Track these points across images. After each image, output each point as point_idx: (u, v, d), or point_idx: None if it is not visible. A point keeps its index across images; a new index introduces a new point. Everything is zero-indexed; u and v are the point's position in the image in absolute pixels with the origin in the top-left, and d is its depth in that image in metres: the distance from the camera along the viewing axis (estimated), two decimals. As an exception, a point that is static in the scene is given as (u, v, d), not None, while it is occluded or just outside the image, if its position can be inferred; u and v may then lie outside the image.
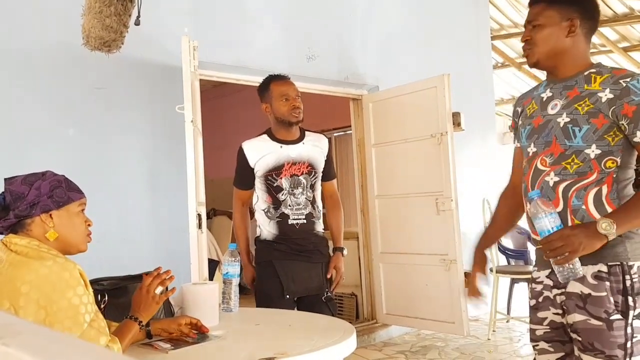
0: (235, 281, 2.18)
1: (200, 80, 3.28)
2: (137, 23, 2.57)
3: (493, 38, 6.69)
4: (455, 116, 4.21)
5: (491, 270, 4.37)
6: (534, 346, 1.76)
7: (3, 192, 1.49)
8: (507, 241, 5.31)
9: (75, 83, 3.23)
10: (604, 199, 1.57)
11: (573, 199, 1.59)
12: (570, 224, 1.58)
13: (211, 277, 4.21)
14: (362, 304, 4.75)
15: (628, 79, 1.55)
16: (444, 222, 4.06)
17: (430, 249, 4.15)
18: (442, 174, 4.05)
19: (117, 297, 1.72)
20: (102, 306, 1.71)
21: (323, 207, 2.86)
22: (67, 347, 0.37)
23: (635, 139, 1.54)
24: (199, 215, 2.88)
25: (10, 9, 3.06)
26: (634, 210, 1.52)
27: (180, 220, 3.15)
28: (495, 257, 4.62)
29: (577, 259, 1.51)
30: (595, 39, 7.32)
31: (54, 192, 1.49)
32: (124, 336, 1.52)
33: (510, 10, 6.88)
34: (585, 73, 1.64)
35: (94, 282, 1.67)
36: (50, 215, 1.48)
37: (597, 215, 1.55)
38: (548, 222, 1.53)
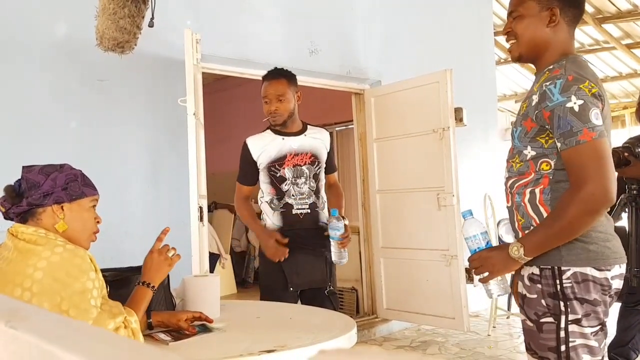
0: (335, 243, 2.53)
1: (203, 73, 3.28)
2: (150, 25, 2.58)
3: (496, 34, 6.67)
4: (458, 111, 4.20)
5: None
6: None
7: (20, 179, 1.52)
8: (508, 237, 5.30)
9: (77, 75, 3.23)
10: (537, 199, 1.55)
11: (516, 196, 1.61)
12: (515, 219, 1.63)
13: (212, 271, 4.22)
14: (363, 299, 4.76)
15: (548, 83, 1.49)
16: (445, 217, 4.06)
17: (431, 244, 4.16)
18: (443, 169, 4.05)
19: (119, 288, 1.73)
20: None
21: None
22: (72, 331, 0.37)
23: (558, 145, 1.48)
24: (201, 208, 2.89)
25: (15, 2, 3.06)
26: (541, 234, 1.49)
27: (182, 213, 3.15)
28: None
29: (496, 280, 1.59)
30: (598, 35, 7.30)
31: (69, 185, 1.51)
32: (138, 305, 1.56)
33: (513, 6, 6.85)
34: (548, 67, 1.57)
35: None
36: (62, 207, 1.50)
37: (533, 214, 1.57)
38: (473, 243, 1.63)
